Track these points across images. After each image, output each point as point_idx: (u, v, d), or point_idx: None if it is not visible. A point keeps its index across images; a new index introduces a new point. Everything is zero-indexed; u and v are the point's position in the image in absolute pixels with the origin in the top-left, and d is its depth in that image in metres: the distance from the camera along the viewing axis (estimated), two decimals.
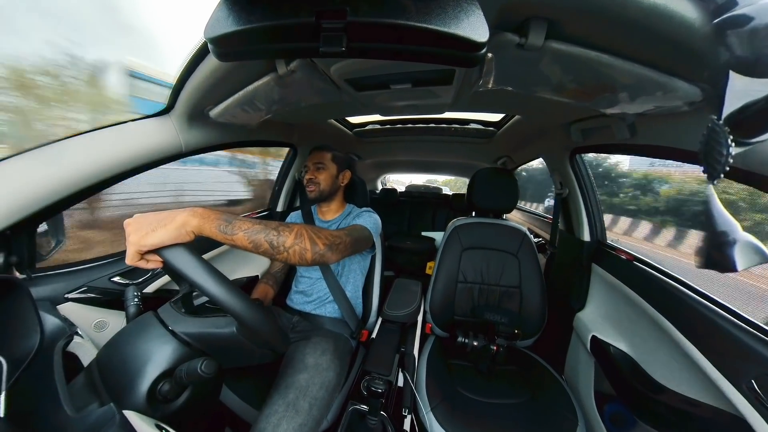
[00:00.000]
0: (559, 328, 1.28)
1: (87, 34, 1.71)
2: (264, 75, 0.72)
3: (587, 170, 1.27)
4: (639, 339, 0.91)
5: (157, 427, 0.45)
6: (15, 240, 0.65)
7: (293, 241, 0.61)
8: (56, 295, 0.76)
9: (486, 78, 0.66)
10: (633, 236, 2.78)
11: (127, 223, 0.54)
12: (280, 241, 0.60)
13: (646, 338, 0.88)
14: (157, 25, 6.93)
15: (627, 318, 0.97)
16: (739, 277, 1.02)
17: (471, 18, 0.36)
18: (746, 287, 1.03)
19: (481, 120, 1.61)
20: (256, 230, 0.58)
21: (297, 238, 0.62)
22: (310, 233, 0.65)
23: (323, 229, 0.71)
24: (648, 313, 0.85)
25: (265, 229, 0.59)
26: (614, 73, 0.55)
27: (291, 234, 0.61)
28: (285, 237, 0.60)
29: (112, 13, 2.52)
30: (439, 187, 3.72)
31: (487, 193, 1.38)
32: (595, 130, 1.00)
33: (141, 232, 0.51)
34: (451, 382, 1.04)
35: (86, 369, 0.55)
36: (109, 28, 2.33)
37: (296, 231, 0.63)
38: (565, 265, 1.36)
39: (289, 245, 0.61)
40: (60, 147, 0.66)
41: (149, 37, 6.60)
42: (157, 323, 0.60)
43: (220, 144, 1.03)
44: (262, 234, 0.59)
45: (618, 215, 2.93)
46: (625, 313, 0.98)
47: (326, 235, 0.69)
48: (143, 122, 0.79)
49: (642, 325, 0.90)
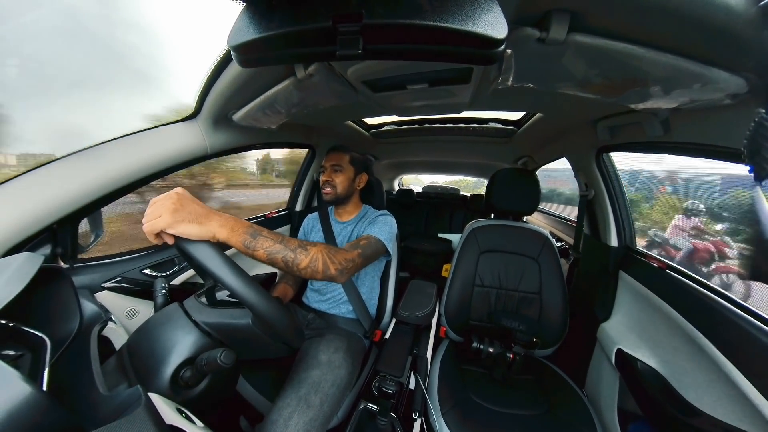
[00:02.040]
0: (582, 338, 1.21)
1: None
2: (283, 79, 0.75)
3: (615, 170, 1.19)
4: (670, 355, 0.84)
5: (177, 410, 0.48)
6: (60, 233, 0.71)
7: (307, 264, 0.66)
8: (94, 283, 0.83)
9: (505, 75, 0.64)
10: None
11: (170, 197, 0.53)
12: (295, 261, 0.65)
13: (678, 355, 0.81)
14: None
15: (657, 331, 0.90)
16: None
17: (488, 14, 0.35)
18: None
19: (501, 119, 1.57)
20: (276, 250, 0.63)
21: (311, 262, 0.67)
22: (326, 257, 0.70)
23: (339, 252, 0.75)
24: (682, 327, 0.79)
25: (284, 249, 0.64)
26: (645, 66, 0.52)
27: (307, 257, 0.66)
28: (300, 258, 0.66)
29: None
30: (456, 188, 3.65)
31: (507, 195, 1.34)
32: (624, 128, 0.95)
33: (178, 217, 0.52)
34: (463, 388, 1.01)
35: (118, 352, 0.60)
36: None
37: (312, 254, 0.68)
38: (590, 272, 1.29)
39: (303, 267, 0.66)
40: (99, 151, 0.72)
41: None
42: (182, 314, 0.64)
43: (242, 146, 1.08)
44: (280, 254, 0.63)
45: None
46: (655, 326, 0.92)
47: (340, 260, 0.73)
48: (173, 127, 0.85)
49: (674, 340, 0.83)
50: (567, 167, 1.46)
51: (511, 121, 1.55)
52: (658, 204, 2.01)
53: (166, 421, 0.40)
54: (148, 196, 0.59)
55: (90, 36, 1.86)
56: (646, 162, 1.60)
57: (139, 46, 3.02)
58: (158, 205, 0.53)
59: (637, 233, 1.18)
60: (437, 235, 3.05)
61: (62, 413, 0.32)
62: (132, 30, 6.35)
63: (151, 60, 3.52)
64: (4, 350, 0.38)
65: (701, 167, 1.31)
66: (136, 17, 3.98)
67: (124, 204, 0.87)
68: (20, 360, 0.39)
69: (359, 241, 0.90)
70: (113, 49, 5.36)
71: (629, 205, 1.18)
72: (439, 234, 3.06)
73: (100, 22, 2.29)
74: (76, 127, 0.97)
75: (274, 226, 1.59)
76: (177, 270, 1.03)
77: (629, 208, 1.18)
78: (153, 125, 0.82)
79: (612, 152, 1.15)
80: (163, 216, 0.51)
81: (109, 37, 4.19)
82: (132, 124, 0.78)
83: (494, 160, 2.20)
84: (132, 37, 3.82)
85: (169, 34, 4.72)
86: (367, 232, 0.99)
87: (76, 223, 0.75)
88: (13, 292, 0.37)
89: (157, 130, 0.82)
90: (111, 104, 1.33)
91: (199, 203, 0.57)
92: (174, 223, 0.52)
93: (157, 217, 0.52)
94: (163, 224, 0.51)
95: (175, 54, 3.72)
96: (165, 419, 0.40)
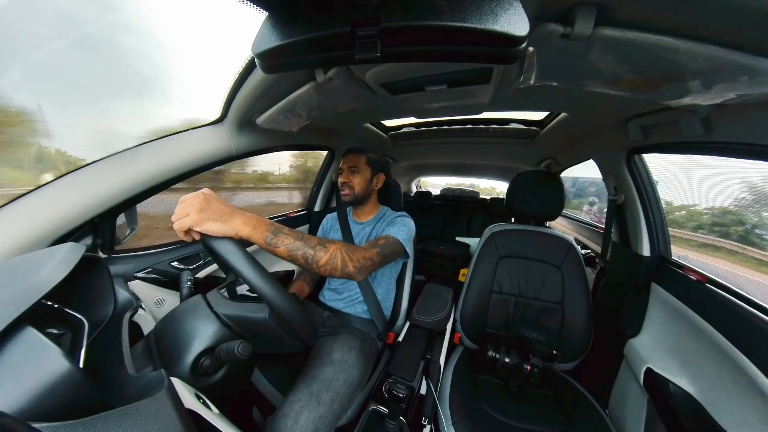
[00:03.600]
0: (607, 354, 1.13)
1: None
2: (304, 84, 0.77)
3: (648, 173, 1.11)
4: (708, 379, 0.77)
5: (196, 396, 0.50)
6: (100, 226, 0.78)
7: (326, 261, 0.68)
8: (128, 273, 0.90)
9: (527, 74, 0.61)
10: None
11: (197, 197, 0.57)
12: (315, 258, 0.67)
13: (717, 379, 0.74)
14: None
15: (693, 351, 0.83)
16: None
17: (509, 11, 0.35)
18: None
19: (523, 119, 1.51)
20: (296, 246, 0.65)
21: (330, 258, 0.69)
22: (344, 255, 0.71)
23: (358, 250, 0.76)
24: (723, 348, 0.72)
25: (304, 246, 0.66)
26: (681, 59, 0.48)
27: (326, 254, 0.68)
28: (320, 256, 0.68)
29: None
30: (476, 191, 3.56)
31: (529, 198, 1.28)
32: (658, 127, 0.88)
33: (203, 216, 0.56)
34: (476, 397, 0.98)
35: (145, 337, 0.65)
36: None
37: (332, 252, 0.69)
38: (618, 283, 1.21)
39: (322, 264, 0.68)
40: (136, 152, 0.78)
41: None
42: (205, 305, 0.67)
43: (265, 148, 1.13)
44: (300, 251, 0.66)
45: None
46: (691, 346, 0.84)
47: (359, 257, 0.74)
48: (201, 130, 0.90)
49: (713, 362, 0.76)
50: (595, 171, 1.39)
51: (533, 121, 1.49)
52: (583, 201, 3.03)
53: (185, 404, 0.42)
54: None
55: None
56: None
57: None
58: (186, 204, 0.57)
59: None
60: (455, 238, 2.99)
61: (94, 389, 0.35)
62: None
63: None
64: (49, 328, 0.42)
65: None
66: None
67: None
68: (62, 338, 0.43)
69: (378, 241, 0.91)
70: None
71: (664, 211, 1.09)
72: (457, 238, 2.99)
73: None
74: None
75: (294, 225, 1.63)
76: (202, 264, 1.09)
77: (664, 214, 1.09)
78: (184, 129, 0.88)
79: (644, 153, 1.07)
80: (191, 215, 0.55)
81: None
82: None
83: (516, 162, 2.13)
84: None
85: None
86: (386, 232, 1.00)
87: (114, 217, 0.82)
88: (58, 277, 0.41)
89: (187, 134, 0.87)
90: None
91: (224, 202, 0.60)
92: (200, 221, 0.56)
93: (185, 215, 0.56)
94: (191, 222, 0.55)
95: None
96: (184, 403, 0.42)
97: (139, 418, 0.33)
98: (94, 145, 0.85)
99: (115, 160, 0.75)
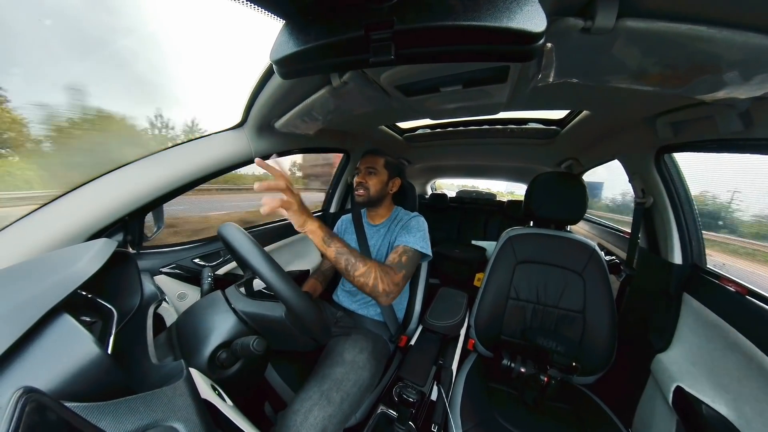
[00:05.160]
0: (631, 368, 1.07)
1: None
2: (320, 88, 0.79)
3: (680, 173, 1.03)
4: (747, 403, 0.70)
5: (212, 387, 0.53)
6: (130, 224, 0.83)
7: (362, 273, 0.79)
8: (154, 268, 0.95)
9: (546, 71, 0.58)
10: None
11: (298, 195, 0.72)
12: (355, 267, 0.78)
13: (757, 403, 0.68)
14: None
15: (731, 371, 0.76)
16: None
17: (525, 7, 0.34)
18: None
19: (542, 118, 1.45)
20: (343, 252, 0.78)
21: (366, 271, 0.79)
22: (378, 274, 0.81)
23: (390, 273, 0.85)
24: (766, 369, 0.66)
25: (349, 254, 0.78)
26: (717, 48, 0.44)
27: (364, 267, 0.79)
28: (359, 266, 0.79)
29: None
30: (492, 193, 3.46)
31: (549, 201, 1.23)
32: (691, 123, 0.82)
33: (302, 208, 0.73)
34: (489, 407, 0.95)
35: (168, 329, 0.68)
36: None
37: (369, 266, 0.80)
38: (646, 292, 1.14)
39: (358, 274, 0.78)
40: (163, 156, 0.84)
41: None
42: (224, 301, 0.70)
43: (283, 151, 1.16)
44: (344, 256, 0.78)
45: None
46: (727, 364, 0.77)
47: (389, 282, 0.83)
48: (224, 134, 0.95)
49: (754, 384, 0.69)
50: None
51: (553, 120, 1.43)
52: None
53: (201, 394, 0.44)
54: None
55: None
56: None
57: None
58: (294, 195, 0.70)
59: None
60: (470, 242, 2.93)
61: (120, 374, 0.37)
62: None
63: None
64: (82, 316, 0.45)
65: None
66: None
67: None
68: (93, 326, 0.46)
69: (402, 257, 0.93)
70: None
71: (698, 216, 1.01)
72: (473, 241, 2.93)
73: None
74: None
75: None
76: (222, 261, 1.14)
77: (698, 218, 1.01)
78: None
79: (675, 153, 1.00)
80: (293, 203, 0.70)
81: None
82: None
83: (534, 163, 2.06)
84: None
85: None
86: (404, 241, 1.00)
87: (143, 216, 0.88)
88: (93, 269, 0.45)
89: (209, 138, 0.92)
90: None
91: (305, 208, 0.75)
92: (297, 210, 0.71)
93: (291, 202, 0.69)
94: (295, 207, 0.70)
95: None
96: (201, 393, 0.44)
97: (159, 404, 0.35)
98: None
99: (146, 163, 0.81)
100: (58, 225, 0.69)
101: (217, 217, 2.48)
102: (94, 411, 0.30)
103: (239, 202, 2.93)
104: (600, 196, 2.95)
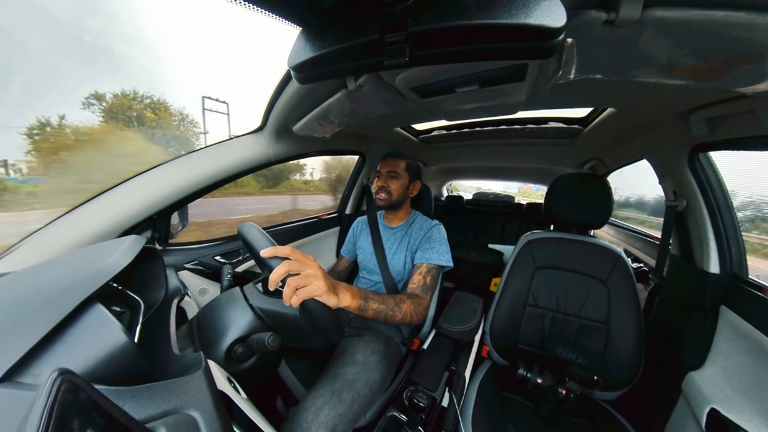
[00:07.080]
0: (659, 386, 1.00)
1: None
2: (336, 92, 0.81)
3: (717, 174, 0.95)
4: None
5: (228, 379, 0.55)
6: (158, 222, 0.89)
7: (400, 319, 0.81)
8: (178, 263, 1.01)
9: (566, 68, 0.55)
10: None
11: (318, 269, 0.60)
12: (393, 317, 0.79)
13: None
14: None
15: None
16: None
17: (542, 2, 0.33)
18: None
19: (563, 117, 1.38)
20: (380, 310, 0.76)
21: (402, 319, 0.82)
22: (411, 312, 0.84)
23: (420, 304, 0.88)
24: None
25: (386, 309, 0.78)
26: (758, 35, 0.40)
27: (400, 313, 0.81)
28: (397, 315, 0.80)
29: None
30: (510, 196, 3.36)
31: (571, 204, 1.17)
32: (729, 119, 0.76)
33: (328, 288, 0.59)
34: (502, 418, 0.91)
35: (189, 322, 0.72)
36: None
37: (404, 310, 0.82)
38: (677, 303, 1.06)
39: (398, 320, 0.81)
40: (188, 159, 0.88)
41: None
42: (242, 297, 0.73)
43: (300, 154, 1.20)
44: (383, 313, 0.77)
45: None
46: None
47: (421, 312, 0.88)
48: (244, 138, 0.99)
49: None
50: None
51: (575, 119, 1.36)
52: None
53: (218, 386, 0.46)
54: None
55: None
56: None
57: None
58: (311, 274, 0.58)
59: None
60: (487, 245, 2.85)
61: (144, 362, 0.40)
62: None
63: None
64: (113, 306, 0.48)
65: None
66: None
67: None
68: (122, 316, 0.49)
69: (426, 279, 0.96)
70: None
71: (738, 220, 0.93)
72: (490, 245, 2.85)
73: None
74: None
75: (325, 227, 1.70)
76: (241, 259, 1.18)
77: (738, 223, 0.92)
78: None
79: (711, 151, 0.93)
80: (320, 285, 0.58)
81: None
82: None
83: (555, 164, 1.97)
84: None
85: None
86: (427, 259, 1.01)
87: (169, 215, 0.93)
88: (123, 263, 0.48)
89: (231, 142, 0.96)
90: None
91: (328, 275, 0.63)
92: (325, 293, 0.58)
93: (313, 284, 0.57)
94: (320, 292, 0.58)
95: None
96: (217, 384, 0.46)
97: (178, 392, 0.37)
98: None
99: (172, 165, 0.86)
100: (94, 222, 0.74)
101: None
102: (119, 394, 0.32)
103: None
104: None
